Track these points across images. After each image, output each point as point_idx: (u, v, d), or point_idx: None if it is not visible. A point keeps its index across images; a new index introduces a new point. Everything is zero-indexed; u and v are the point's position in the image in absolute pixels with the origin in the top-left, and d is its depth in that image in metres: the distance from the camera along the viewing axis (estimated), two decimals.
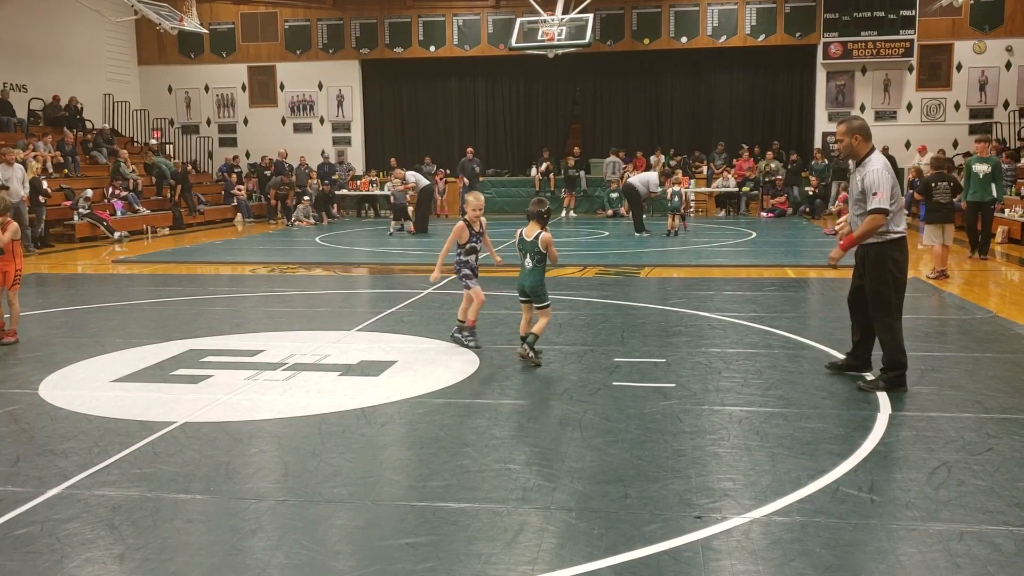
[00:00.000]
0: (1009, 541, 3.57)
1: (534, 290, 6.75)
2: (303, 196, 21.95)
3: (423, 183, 18.60)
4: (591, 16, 19.22)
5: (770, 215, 21.64)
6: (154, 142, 24.06)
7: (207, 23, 23.85)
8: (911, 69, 22.82)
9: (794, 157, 22.43)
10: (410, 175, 18.61)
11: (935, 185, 11.29)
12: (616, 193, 21.93)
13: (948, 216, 11.41)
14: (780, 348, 7.14)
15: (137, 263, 14.08)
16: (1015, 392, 5.79)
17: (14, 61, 20.91)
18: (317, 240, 17.52)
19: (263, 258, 14.58)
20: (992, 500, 3.98)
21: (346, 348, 7.33)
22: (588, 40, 19.04)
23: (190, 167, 23.74)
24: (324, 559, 3.50)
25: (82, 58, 23.20)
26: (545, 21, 19.31)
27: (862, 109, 22.74)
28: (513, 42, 19.82)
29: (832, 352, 6.80)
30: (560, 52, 20.51)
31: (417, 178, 18.55)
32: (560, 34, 19.11)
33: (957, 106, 22.77)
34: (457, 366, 6.65)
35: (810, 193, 21.88)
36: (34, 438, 5.15)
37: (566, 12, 19.40)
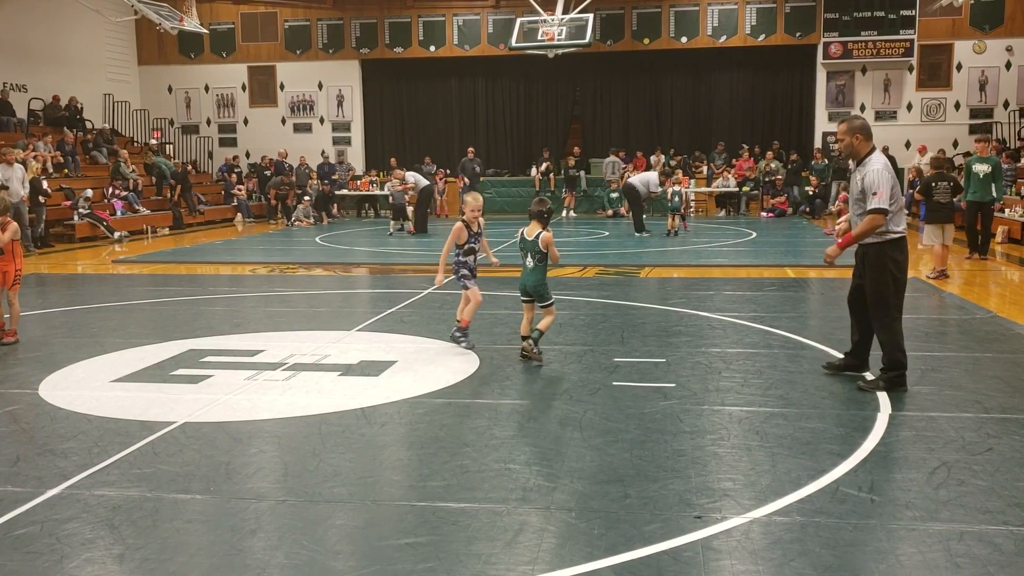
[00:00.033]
0: (1009, 541, 3.57)
1: (536, 289, 6.76)
2: (303, 196, 21.96)
3: (422, 183, 18.58)
4: (591, 16, 19.21)
5: (770, 215, 21.63)
6: (154, 142, 24.06)
7: (207, 23, 23.84)
8: (911, 69, 22.82)
9: (794, 157, 22.42)
10: (409, 176, 18.59)
11: (935, 185, 11.30)
12: (616, 193, 21.93)
13: (948, 216, 11.42)
14: (780, 348, 7.14)
15: (137, 263, 14.08)
16: (1015, 392, 5.79)
17: (14, 61, 20.91)
18: (317, 240, 17.52)
19: (263, 258, 14.57)
20: (992, 500, 3.98)
21: (346, 348, 7.33)
22: (588, 40, 19.05)
23: (190, 167, 23.74)
24: (324, 559, 3.49)
25: (82, 58, 23.20)
26: (545, 21, 19.30)
27: (862, 109, 22.73)
28: (513, 42, 19.82)
29: (832, 352, 6.80)
30: (560, 52, 20.51)
31: (416, 179, 18.53)
32: (560, 34, 19.11)
33: (957, 106, 22.78)
34: (457, 366, 6.65)
35: (810, 193, 21.88)
36: (34, 438, 5.15)
37: (566, 12, 19.40)
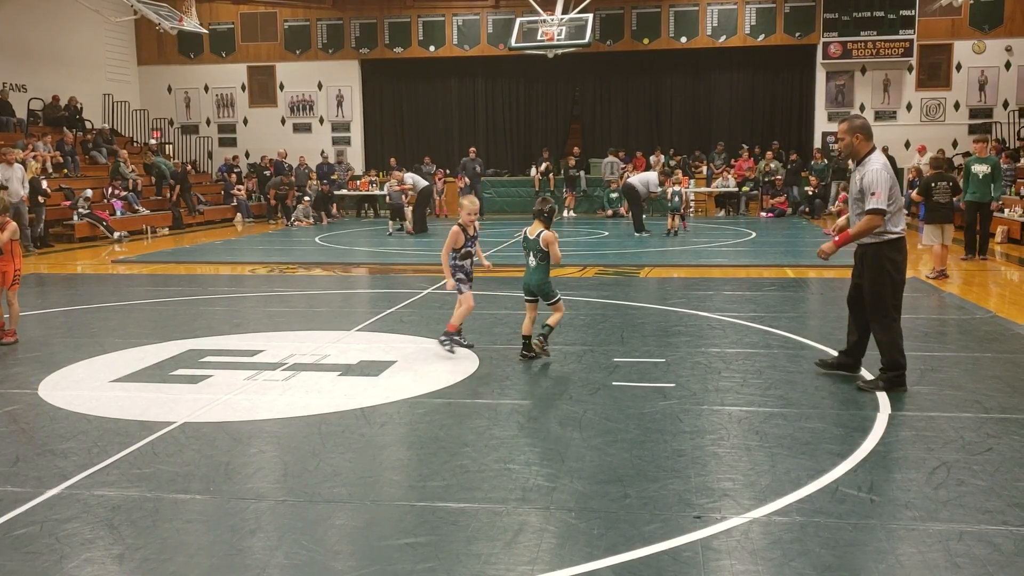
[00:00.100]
0: (1009, 541, 3.57)
1: (540, 288, 6.77)
2: (303, 196, 21.96)
3: (421, 185, 18.57)
4: (591, 16, 19.22)
5: (770, 215, 21.64)
6: (154, 142, 24.06)
7: (207, 23, 23.85)
8: (911, 69, 22.82)
9: (794, 157, 22.43)
10: (408, 178, 18.55)
11: (935, 185, 11.30)
12: (616, 193, 21.94)
13: (948, 216, 11.42)
14: (779, 348, 7.14)
15: (137, 263, 14.07)
16: (1015, 392, 5.79)
17: (14, 61, 20.91)
18: (316, 240, 17.52)
19: (263, 258, 14.57)
20: (992, 500, 3.98)
21: (346, 348, 7.33)
22: (588, 40, 19.05)
23: (190, 167, 23.73)
24: (324, 559, 3.49)
25: (82, 58, 23.20)
26: (545, 21, 19.31)
27: (862, 109, 22.73)
28: (513, 42, 19.82)
29: (832, 352, 6.79)
30: (560, 52, 20.50)
31: (415, 180, 18.51)
32: (560, 34, 19.11)
33: (957, 106, 22.78)
34: (457, 366, 6.65)
35: (810, 193, 21.88)
36: (34, 438, 5.15)
37: (566, 12, 19.40)
